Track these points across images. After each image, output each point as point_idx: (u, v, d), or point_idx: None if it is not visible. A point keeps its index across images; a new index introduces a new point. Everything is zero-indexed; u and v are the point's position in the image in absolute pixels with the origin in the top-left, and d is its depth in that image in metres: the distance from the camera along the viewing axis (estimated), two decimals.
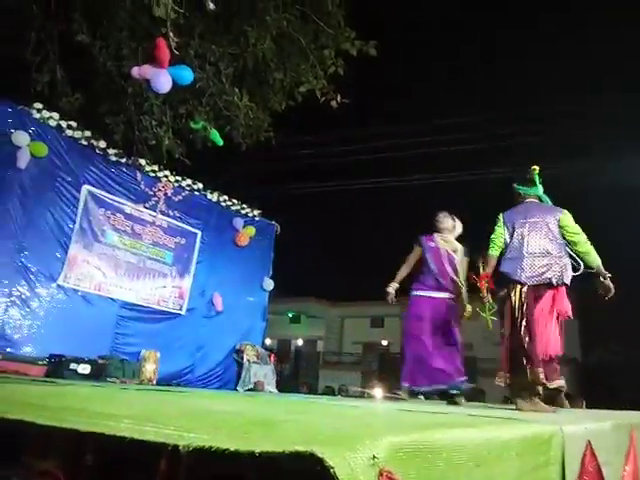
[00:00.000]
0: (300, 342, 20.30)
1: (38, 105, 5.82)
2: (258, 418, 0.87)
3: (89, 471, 1.04)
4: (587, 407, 7.27)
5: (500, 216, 3.61)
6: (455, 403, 3.82)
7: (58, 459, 1.01)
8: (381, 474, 0.58)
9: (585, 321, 16.53)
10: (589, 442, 1.45)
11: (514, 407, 2.97)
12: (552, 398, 3.39)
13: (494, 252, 3.53)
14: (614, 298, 3.49)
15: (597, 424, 1.64)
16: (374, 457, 0.58)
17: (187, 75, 5.26)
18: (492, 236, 3.58)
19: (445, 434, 0.79)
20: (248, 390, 7.06)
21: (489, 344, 18.50)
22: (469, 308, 4.21)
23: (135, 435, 0.66)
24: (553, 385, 3.37)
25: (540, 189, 3.70)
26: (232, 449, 0.58)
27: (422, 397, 4.43)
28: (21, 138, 5.49)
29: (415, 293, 4.27)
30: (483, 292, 3.46)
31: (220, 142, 6.71)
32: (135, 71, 5.08)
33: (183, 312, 7.22)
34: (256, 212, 8.43)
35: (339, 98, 6.97)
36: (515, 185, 3.72)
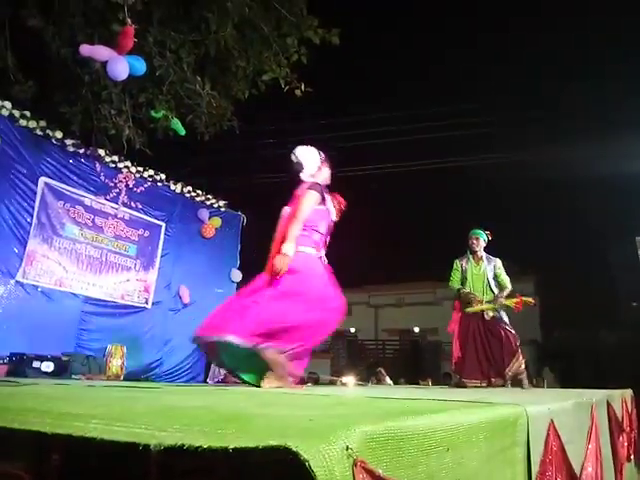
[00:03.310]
0: None
1: None
2: (229, 413, 0.85)
3: (56, 471, 1.01)
4: (547, 386, 7.58)
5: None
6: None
7: (22, 460, 0.97)
8: (355, 465, 0.59)
9: (546, 304, 17.10)
10: (552, 422, 1.49)
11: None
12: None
13: None
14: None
15: (559, 403, 1.68)
16: (348, 448, 0.59)
17: (140, 66, 5.10)
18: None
19: (416, 420, 0.81)
20: (218, 382, 7.01)
21: None
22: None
23: (104, 435, 0.64)
24: None
25: None
26: (205, 446, 0.57)
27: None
28: None
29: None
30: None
31: (182, 131, 6.58)
32: (85, 49, 4.86)
33: (149, 306, 7.10)
34: (222, 203, 8.33)
35: (303, 87, 6.92)
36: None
